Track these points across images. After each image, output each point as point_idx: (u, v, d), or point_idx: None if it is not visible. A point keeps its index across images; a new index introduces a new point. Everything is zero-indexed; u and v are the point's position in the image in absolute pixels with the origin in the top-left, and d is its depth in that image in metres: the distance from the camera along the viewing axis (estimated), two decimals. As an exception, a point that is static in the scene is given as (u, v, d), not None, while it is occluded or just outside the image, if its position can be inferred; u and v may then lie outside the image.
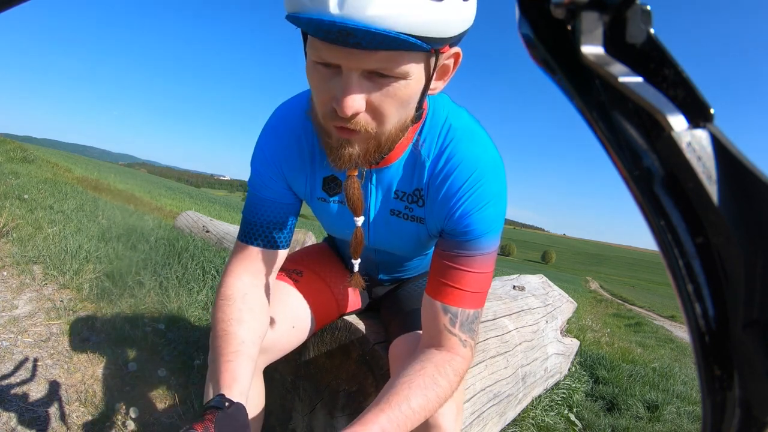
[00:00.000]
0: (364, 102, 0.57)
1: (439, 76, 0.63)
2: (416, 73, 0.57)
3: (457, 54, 0.62)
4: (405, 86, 0.57)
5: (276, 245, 0.81)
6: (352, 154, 0.63)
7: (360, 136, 0.61)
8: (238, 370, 0.68)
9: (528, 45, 0.18)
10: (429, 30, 0.51)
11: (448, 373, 0.71)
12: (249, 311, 0.76)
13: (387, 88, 0.56)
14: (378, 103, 0.58)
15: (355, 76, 0.55)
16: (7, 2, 0.23)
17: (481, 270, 0.72)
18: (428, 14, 0.49)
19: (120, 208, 4.57)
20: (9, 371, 1.33)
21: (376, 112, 0.59)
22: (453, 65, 0.63)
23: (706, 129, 0.16)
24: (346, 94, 0.55)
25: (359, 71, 0.55)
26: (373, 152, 0.64)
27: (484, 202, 0.70)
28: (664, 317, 12.31)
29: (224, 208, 11.48)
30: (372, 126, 0.60)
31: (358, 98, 0.56)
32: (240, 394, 0.65)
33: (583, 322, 5.08)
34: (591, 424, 1.94)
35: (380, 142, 0.63)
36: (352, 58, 0.53)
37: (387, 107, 0.58)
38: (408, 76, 0.56)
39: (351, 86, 0.55)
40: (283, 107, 0.79)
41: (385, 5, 0.47)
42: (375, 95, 0.57)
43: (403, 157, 0.73)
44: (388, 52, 0.52)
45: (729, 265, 0.16)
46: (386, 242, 0.85)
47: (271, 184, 0.79)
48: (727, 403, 0.17)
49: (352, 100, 0.55)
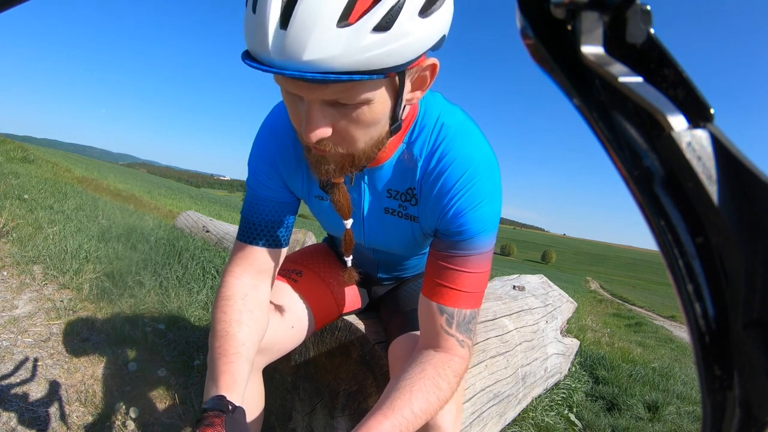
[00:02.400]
0: (328, 128, 0.58)
1: (415, 86, 0.62)
2: (378, 97, 0.57)
3: (433, 65, 0.60)
4: (369, 111, 0.57)
5: (275, 244, 0.82)
6: (328, 170, 0.65)
7: (332, 155, 0.63)
8: (237, 372, 0.69)
9: (528, 45, 0.18)
10: (378, 62, 0.49)
11: (448, 375, 0.71)
12: (249, 312, 0.76)
13: (351, 115, 0.57)
14: (343, 128, 0.59)
15: (316, 106, 0.56)
16: (7, 2, 0.23)
17: (477, 270, 0.72)
18: (373, 48, 0.48)
19: (120, 208, 4.57)
20: (9, 371, 1.33)
21: (342, 136, 0.60)
22: (430, 75, 0.62)
23: (706, 129, 0.16)
24: (308, 124, 0.57)
25: (320, 101, 0.55)
26: (349, 167, 0.66)
27: (478, 201, 0.69)
28: (664, 317, 12.31)
29: (224, 208, 11.48)
30: (341, 148, 0.61)
31: (321, 126, 0.57)
32: (240, 397, 0.67)
33: (583, 322, 5.08)
34: (591, 424, 1.94)
35: (354, 159, 0.64)
36: (308, 91, 0.54)
37: (353, 132, 0.59)
38: (369, 102, 0.56)
39: (313, 115, 0.56)
40: (279, 107, 0.79)
41: (320, 49, 0.47)
42: (339, 122, 0.58)
43: (395, 156, 0.73)
44: (342, 85, 0.52)
45: (729, 265, 0.16)
46: (382, 241, 0.85)
47: (269, 183, 0.79)
48: (727, 403, 0.17)
49: (314, 128, 0.57)
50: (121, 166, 44.39)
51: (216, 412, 0.60)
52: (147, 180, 19.82)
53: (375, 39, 0.48)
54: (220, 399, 0.63)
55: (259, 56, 0.50)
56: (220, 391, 0.66)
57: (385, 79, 0.56)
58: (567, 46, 0.17)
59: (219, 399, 0.63)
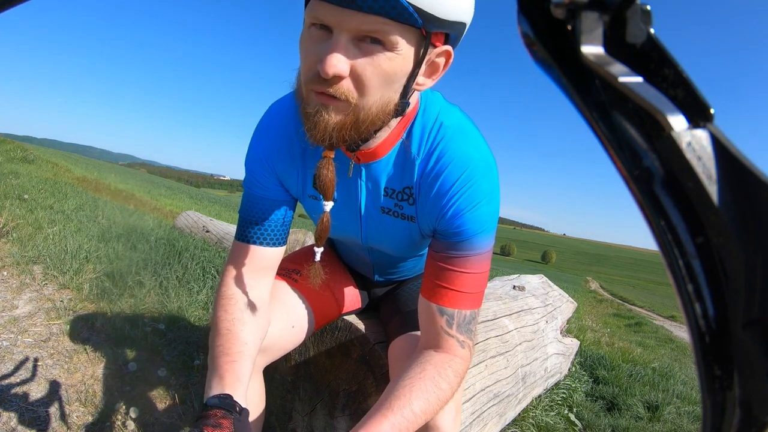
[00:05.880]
0: (347, 66, 0.56)
1: (428, 73, 0.62)
2: (405, 50, 0.57)
3: (448, 53, 0.61)
4: (391, 59, 0.56)
5: (273, 243, 0.82)
6: (328, 122, 0.59)
7: (338, 105, 0.59)
8: (241, 371, 0.68)
9: (528, 45, 0.18)
10: (426, 3, 0.52)
11: (449, 375, 0.71)
12: (250, 312, 0.76)
13: (373, 57, 0.56)
14: (362, 71, 0.57)
15: (344, 39, 0.55)
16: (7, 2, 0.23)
17: (476, 270, 0.71)
18: None
19: (120, 208, 4.57)
20: (9, 371, 1.33)
21: (358, 80, 0.57)
22: (443, 64, 0.63)
23: (706, 129, 0.16)
24: (331, 53, 0.55)
25: (350, 35, 0.55)
26: (350, 128, 0.61)
27: (476, 202, 0.69)
28: (664, 317, 12.30)
29: (224, 208, 11.48)
30: (352, 95, 0.58)
31: (343, 59, 0.55)
32: (243, 397, 0.66)
33: (583, 322, 5.08)
34: (591, 424, 1.94)
35: (358, 117, 0.60)
36: (346, 18, 0.53)
37: (370, 77, 0.57)
38: (396, 48, 0.56)
39: (338, 47, 0.55)
40: (275, 106, 0.79)
41: None
42: (360, 61, 0.56)
43: (392, 153, 0.73)
44: (381, 18, 0.53)
45: (729, 265, 0.16)
46: (379, 240, 0.85)
47: (265, 182, 0.79)
48: (727, 403, 0.17)
49: (336, 59, 0.55)
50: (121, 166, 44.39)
51: (223, 412, 0.59)
52: (147, 180, 19.82)
53: None
54: (226, 398, 0.62)
55: None
56: (225, 389, 0.65)
57: (416, 34, 0.56)
58: (567, 46, 0.17)
59: (225, 398, 0.62)
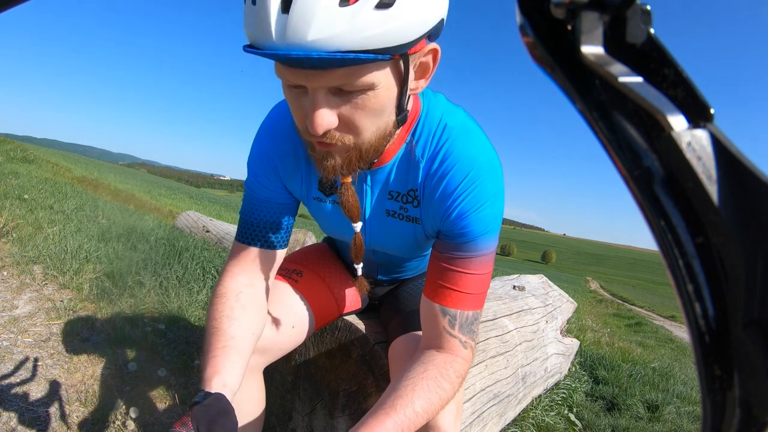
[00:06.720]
0: (334, 117, 0.57)
1: (418, 75, 0.62)
2: (384, 81, 0.56)
3: (435, 50, 0.60)
4: (374, 96, 0.56)
5: (273, 245, 0.81)
6: (335, 165, 0.63)
7: (339, 149, 0.61)
8: (221, 363, 0.68)
9: (528, 45, 0.18)
10: (381, 41, 0.49)
11: (451, 376, 0.71)
12: (241, 308, 0.76)
13: (355, 101, 0.56)
14: (349, 117, 0.57)
15: (321, 94, 0.55)
16: (7, 2, 0.23)
17: (480, 271, 0.71)
18: (375, 26, 0.48)
19: (120, 208, 4.56)
20: (9, 371, 1.33)
21: (349, 125, 0.58)
22: (432, 61, 0.62)
23: (706, 129, 0.16)
24: (314, 115, 0.55)
25: (324, 89, 0.55)
26: (356, 161, 0.63)
27: (481, 203, 0.69)
28: (664, 317, 12.31)
29: (224, 208, 11.48)
30: (348, 139, 0.60)
31: (327, 116, 0.56)
32: (222, 385, 0.65)
33: (583, 322, 5.08)
34: (591, 424, 1.94)
35: (361, 151, 0.62)
36: (313, 79, 0.53)
37: (359, 119, 0.58)
38: (375, 87, 0.55)
39: (318, 105, 0.55)
40: (278, 108, 0.79)
41: (324, 28, 0.47)
42: (345, 109, 0.57)
43: (397, 158, 0.73)
44: (346, 69, 0.52)
45: (729, 265, 0.16)
46: (383, 243, 0.85)
47: (268, 184, 0.79)
48: (727, 403, 0.17)
49: (320, 119, 0.55)
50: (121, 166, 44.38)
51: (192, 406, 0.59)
52: (147, 180, 19.82)
53: (378, 17, 0.48)
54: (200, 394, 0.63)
55: (262, 44, 0.50)
56: (202, 385, 0.65)
57: (389, 62, 0.55)
58: (567, 45, 0.17)
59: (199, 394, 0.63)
